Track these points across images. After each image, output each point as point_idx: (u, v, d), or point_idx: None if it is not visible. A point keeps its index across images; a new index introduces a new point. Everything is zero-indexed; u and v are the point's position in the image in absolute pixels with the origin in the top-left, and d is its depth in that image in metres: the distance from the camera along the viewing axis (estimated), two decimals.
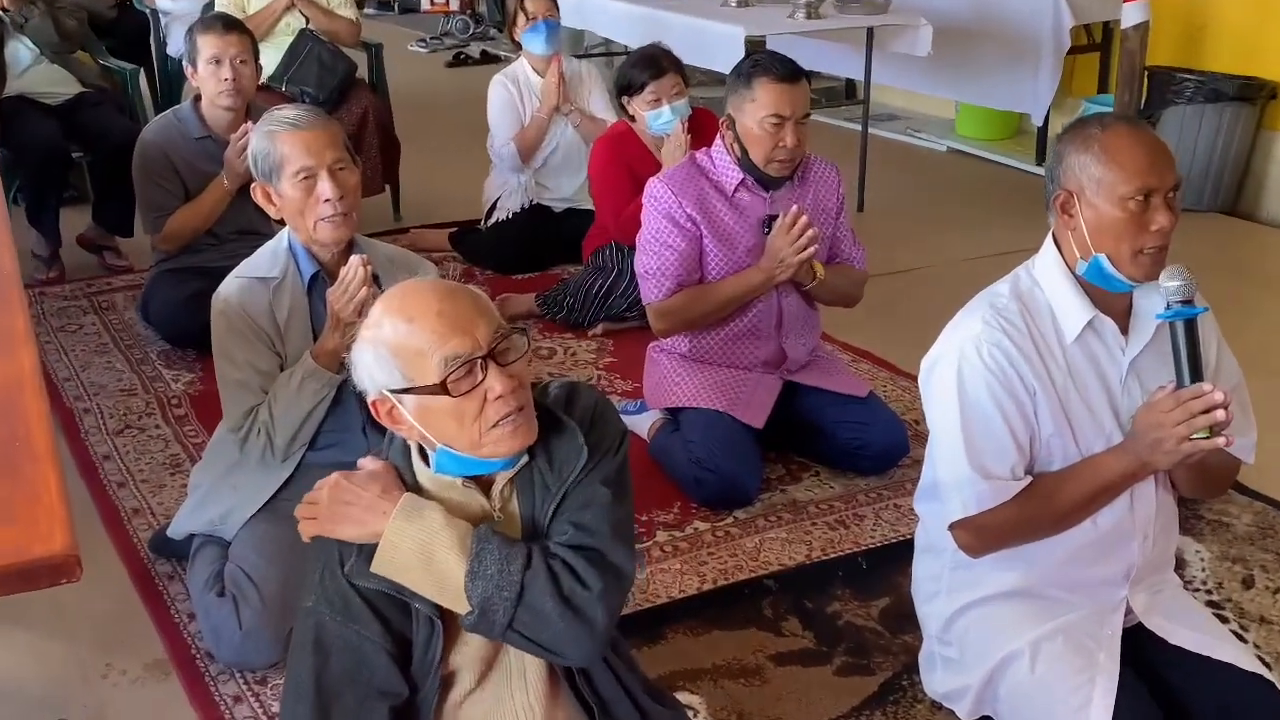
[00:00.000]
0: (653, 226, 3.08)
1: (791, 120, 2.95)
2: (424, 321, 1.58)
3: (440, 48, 9.05)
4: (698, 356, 3.18)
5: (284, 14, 4.94)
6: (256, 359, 2.54)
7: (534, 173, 4.67)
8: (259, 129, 2.61)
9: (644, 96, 3.95)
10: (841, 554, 2.85)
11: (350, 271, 2.48)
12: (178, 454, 3.30)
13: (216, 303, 2.56)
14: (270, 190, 2.58)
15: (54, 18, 4.55)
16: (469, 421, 1.59)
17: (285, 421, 2.52)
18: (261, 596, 2.42)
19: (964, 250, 4.81)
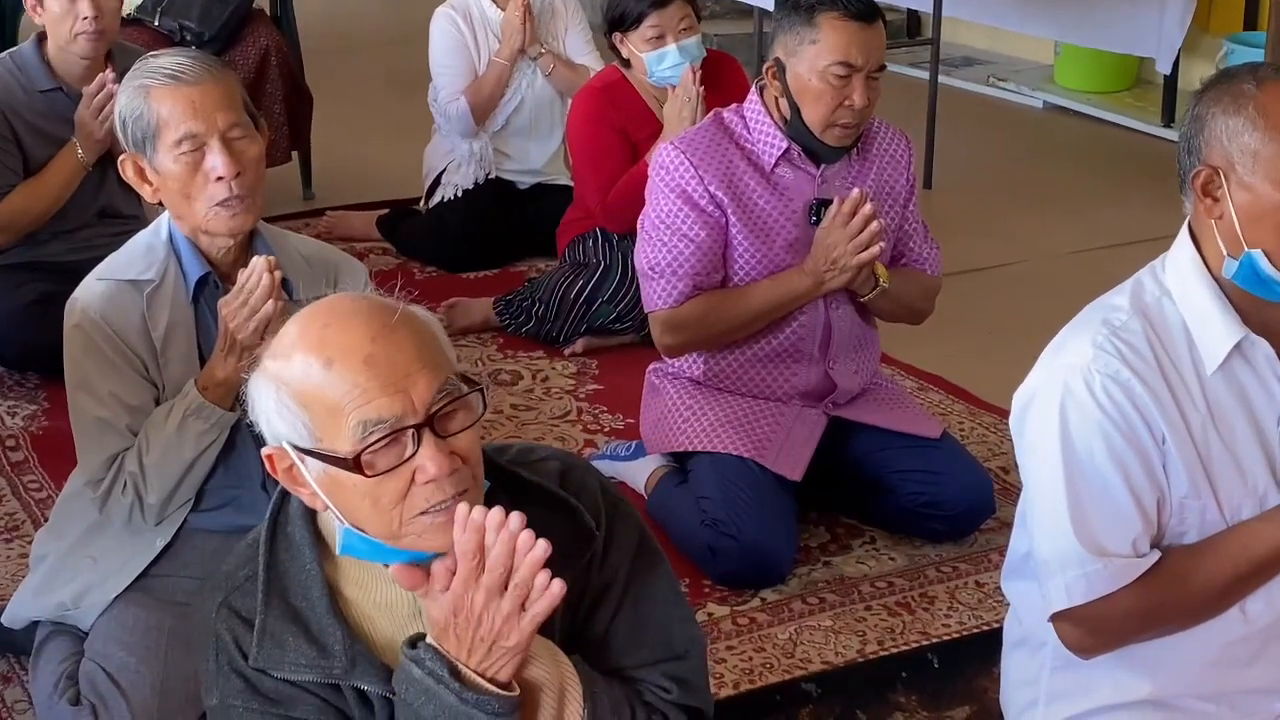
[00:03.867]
0: (662, 208, 3.10)
1: (864, 71, 2.99)
2: (346, 366, 1.57)
3: None
4: (715, 383, 3.20)
5: None
6: (123, 390, 2.56)
7: (491, 136, 4.72)
8: (128, 82, 2.62)
9: (642, 32, 4.01)
10: (905, 648, 2.87)
11: (252, 276, 2.49)
12: (15, 512, 3.35)
13: (71, 314, 2.58)
14: (143, 164, 2.59)
15: None
16: (387, 505, 1.60)
17: (161, 473, 2.53)
18: (130, 706, 2.44)
19: (1067, 240, 4.87)
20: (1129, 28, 5.93)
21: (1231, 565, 2.02)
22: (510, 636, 1.55)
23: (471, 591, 1.55)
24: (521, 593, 1.54)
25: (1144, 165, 5.63)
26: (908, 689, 2.75)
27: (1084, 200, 5.28)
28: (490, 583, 1.54)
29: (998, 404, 3.72)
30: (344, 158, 5.39)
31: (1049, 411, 2.03)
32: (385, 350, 1.57)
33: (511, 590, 1.54)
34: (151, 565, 2.58)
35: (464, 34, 4.67)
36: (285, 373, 1.60)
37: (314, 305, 1.66)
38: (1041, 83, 6.63)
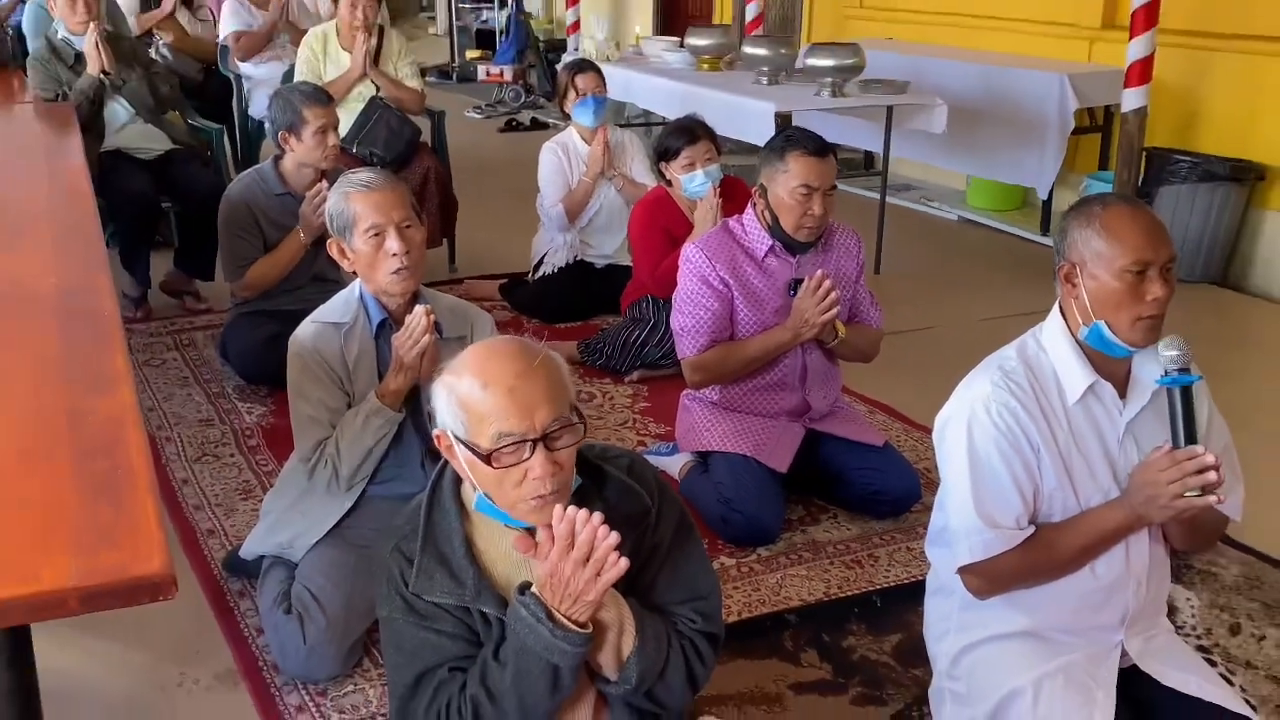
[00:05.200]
0: (688, 287, 3.11)
1: (820, 190, 2.98)
2: (494, 391, 1.58)
3: (494, 114, 9.17)
4: (727, 405, 3.20)
5: (357, 83, 5.02)
6: (327, 397, 2.59)
7: (579, 231, 4.72)
8: (336, 190, 2.66)
9: (679, 161, 3.99)
10: (857, 592, 2.85)
11: (414, 319, 2.53)
12: (249, 481, 3.34)
13: (293, 345, 2.61)
14: (344, 245, 2.63)
15: (150, 82, 4.65)
16: (507, 488, 1.62)
17: (350, 454, 2.56)
18: (325, 615, 2.45)
19: (973, 311, 4.82)
20: (1019, 166, 5.92)
21: (1084, 538, 2.01)
22: (589, 594, 1.57)
23: (564, 562, 1.57)
24: (597, 566, 1.56)
25: (1027, 261, 5.59)
26: (858, 620, 2.74)
27: (985, 284, 5.24)
28: (577, 557, 1.56)
29: (923, 423, 3.72)
30: (477, 243, 5.42)
31: (959, 427, 2.03)
32: (524, 384, 1.59)
33: (591, 564, 1.56)
34: (343, 519, 2.60)
35: (562, 161, 4.70)
36: (456, 384, 1.62)
37: (489, 341, 1.69)
38: (957, 202, 6.60)
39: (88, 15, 4.51)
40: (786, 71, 5.45)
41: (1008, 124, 5.82)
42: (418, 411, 2.62)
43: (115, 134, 4.58)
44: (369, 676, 2.49)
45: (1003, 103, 5.85)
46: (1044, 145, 5.74)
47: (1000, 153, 5.95)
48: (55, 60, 4.53)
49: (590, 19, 7.50)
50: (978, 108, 5.82)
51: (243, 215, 3.85)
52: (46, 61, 4.53)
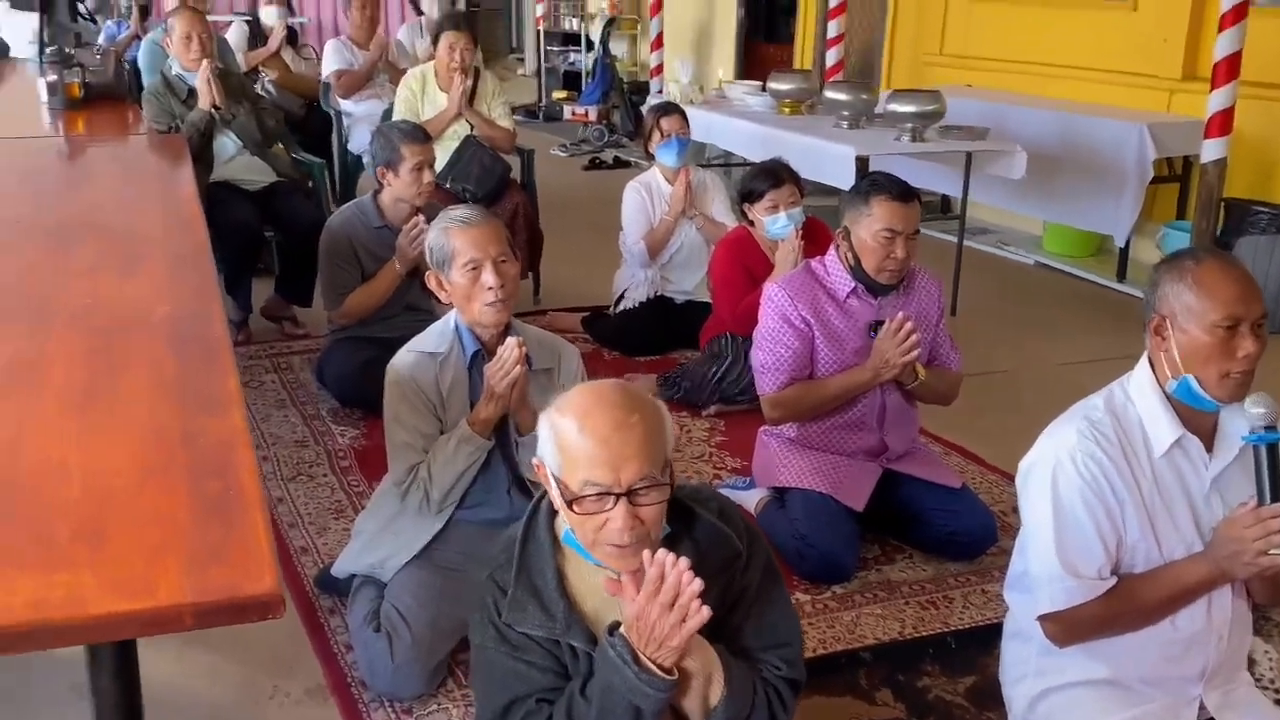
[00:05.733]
0: (769, 326, 3.10)
1: (903, 235, 2.96)
2: (588, 438, 1.57)
3: (579, 152, 9.25)
4: (805, 442, 3.17)
5: (453, 122, 5.10)
6: (421, 423, 2.61)
7: (660, 268, 4.74)
8: (436, 225, 2.70)
9: (763, 204, 3.99)
10: (932, 633, 2.79)
11: (507, 351, 2.54)
12: (341, 501, 3.37)
13: (390, 372, 2.64)
14: (442, 278, 2.66)
15: (257, 116, 4.76)
16: (588, 530, 1.61)
17: (442, 479, 2.58)
18: (413, 635, 2.46)
19: (1050, 355, 4.74)
20: (1096, 213, 5.83)
21: (1166, 591, 1.96)
22: (673, 640, 1.55)
23: (650, 605, 1.55)
24: (682, 613, 1.54)
25: (1103, 307, 5.49)
26: (933, 661, 2.68)
27: (1061, 330, 5.15)
28: (663, 602, 1.54)
29: (1000, 466, 3.65)
30: (561, 277, 5.45)
31: (1044, 475, 2.00)
32: (618, 437, 1.57)
33: (676, 609, 1.54)
34: (431, 542, 2.61)
35: (645, 200, 4.72)
36: (558, 421, 1.62)
37: (596, 386, 1.67)
38: (1033, 247, 6.50)
39: (201, 53, 4.64)
40: (867, 116, 5.44)
41: (1086, 171, 5.74)
42: (506, 440, 2.64)
43: (224, 165, 4.69)
44: (453, 697, 2.49)
45: (1081, 150, 5.77)
46: (1122, 193, 5.64)
47: (1078, 199, 5.86)
48: (169, 95, 4.66)
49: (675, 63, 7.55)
50: (1055, 154, 5.75)
51: (343, 246, 3.91)
52: (161, 96, 4.66)
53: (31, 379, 1.94)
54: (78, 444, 1.69)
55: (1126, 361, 2.07)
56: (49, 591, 1.30)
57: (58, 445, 1.68)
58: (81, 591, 1.31)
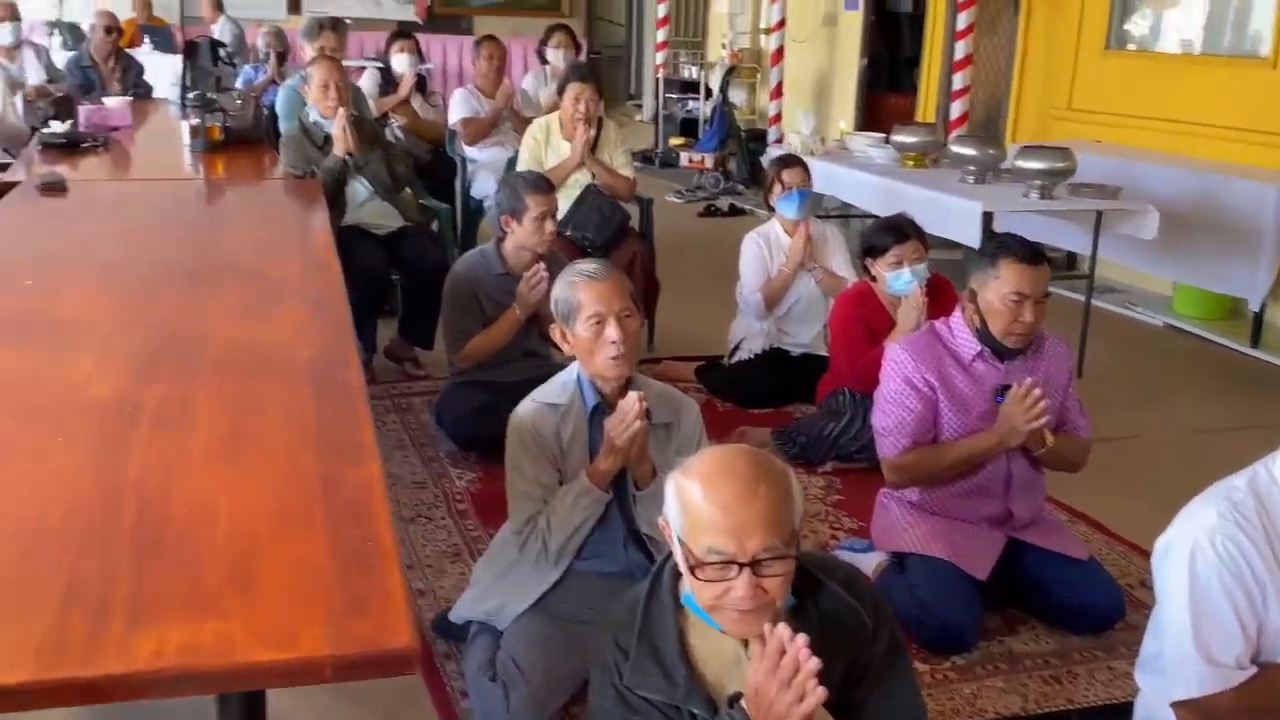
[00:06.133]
0: (892, 388, 3.07)
1: (1031, 299, 2.92)
2: (714, 504, 1.57)
3: (694, 199, 9.31)
4: (927, 507, 3.12)
5: (575, 170, 5.19)
6: (541, 474, 2.64)
7: (776, 319, 4.73)
8: (562, 278, 2.74)
9: (886, 259, 3.96)
10: (1056, 710, 2.71)
11: (628, 405, 2.56)
12: (458, 544, 3.42)
13: (513, 421, 2.68)
14: (565, 331, 2.69)
15: (388, 163, 4.91)
16: (709, 596, 1.61)
17: (560, 530, 2.60)
18: (527, 685, 2.48)
19: (1181, 421, 4.59)
20: (1230, 275, 5.66)
21: None
22: (790, 717, 1.54)
23: (768, 681, 1.54)
24: (799, 691, 1.53)
25: (1237, 373, 5.31)
26: None
27: (1194, 394, 5.00)
28: (781, 679, 1.53)
29: (1129, 538, 3.54)
30: (676, 325, 5.48)
31: (1182, 556, 1.94)
32: (744, 506, 1.57)
33: (793, 688, 1.53)
34: (548, 592, 2.63)
35: (763, 251, 4.73)
36: (685, 484, 1.63)
37: (726, 451, 1.66)
38: (1162, 308, 6.33)
39: (338, 101, 4.81)
40: (993, 171, 5.37)
41: (1219, 232, 5.58)
42: (624, 494, 2.66)
43: (355, 210, 4.84)
44: None
45: (1214, 211, 5.61)
46: (1257, 257, 5.47)
47: (1210, 261, 5.70)
48: (306, 141, 4.84)
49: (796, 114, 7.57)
50: (1187, 214, 5.60)
51: (466, 292, 4.00)
52: (299, 142, 4.84)
53: (180, 420, 2.03)
54: (225, 487, 1.75)
55: (1260, 431, 2.02)
56: (199, 637, 1.35)
57: (206, 488, 1.75)
58: (230, 639, 1.35)
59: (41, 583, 1.47)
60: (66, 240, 3.52)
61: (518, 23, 13.40)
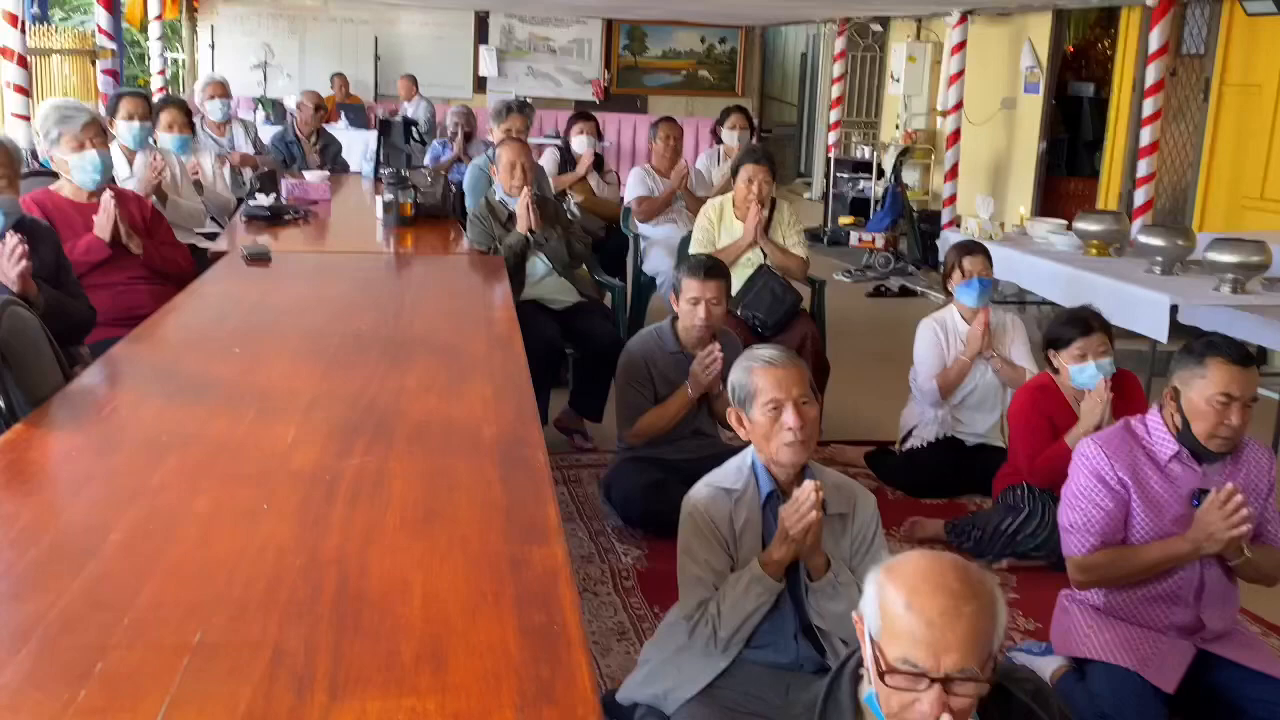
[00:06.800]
0: (1082, 483, 2.96)
1: (1240, 401, 2.78)
2: (915, 617, 1.54)
3: (863, 279, 9.24)
4: (1111, 611, 2.98)
5: (747, 250, 5.22)
6: (713, 559, 2.63)
7: (951, 407, 4.63)
8: (740, 362, 2.75)
9: (1070, 351, 3.85)
10: None
11: (804, 494, 2.53)
12: (624, 622, 3.42)
13: (687, 504, 2.68)
14: (742, 415, 2.69)
15: (567, 241, 5.05)
16: (893, 703, 1.57)
17: (730, 618, 2.57)
18: None
19: None
20: None
21: None
22: None
23: None
24: None
25: None
26: None
27: None
28: None
29: None
30: (846, 408, 5.42)
31: None
32: (945, 623, 1.53)
33: None
34: (716, 679, 2.59)
35: (939, 338, 4.65)
36: (886, 585, 1.60)
37: (933, 560, 1.62)
38: None
39: (523, 181, 4.98)
40: (1181, 262, 5.18)
41: None
42: (796, 584, 2.62)
43: (533, 285, 4.98)
44: None
45: None
46: None
47: None
48: (491, 218, 5.01)
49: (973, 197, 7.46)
50: None
51: (639, 369, 4.06)
52: (484, 218, 5.02)
53: (376, 494, 2.11)
54: (418, 564, 1.81)
55: None
56: (396, 715, 1.39)
57: (401, 563, 1.81)
58: (425, 718, 1.39)
59: (249, 652, 1.53)
60: (270, 309, 3.72)
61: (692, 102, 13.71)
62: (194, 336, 3.34)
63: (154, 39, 10.23)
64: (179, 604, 1.67)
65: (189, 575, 1.78)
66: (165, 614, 1.64)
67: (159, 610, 1.65)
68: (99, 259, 3.99)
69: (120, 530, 1.92)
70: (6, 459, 2.26)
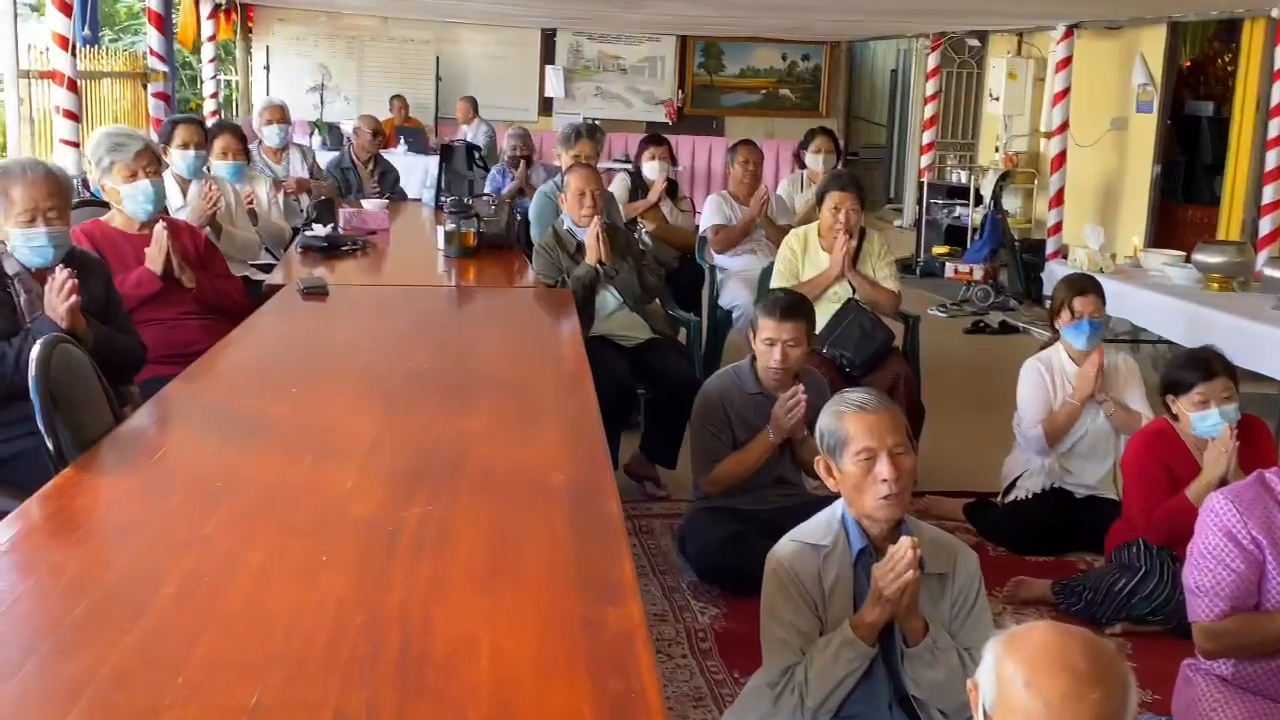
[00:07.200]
0: (1210, 542, 2.88)
1: None
2: (1034, 697, 1.51)
3: (959, 314, 9.15)
4: (1242, 683, 2.89)
5: (834, 283, 5.20)
6: (800, 620, 2.61)
7: (1059, 456, 4.56)
8: (829, 407, 2.73)
9: (1191, 396, 3.78)
10: None
11: (899, 551, 2.51)
12: (700, 688, 3.40)
13: (771, 561, 2.67)
14: (831, 464, 2.68)
15: (639, 273, 5.07)
16: None
17: (819, 685, 2.55)
18: None
19: None
20: None
21: None
22: None
23: None
24: None
25: None
26: None
27: None
28: None
29: None
30: (943, 456, 5.34)
31: None
32: (1063, 708, 1.50)
33: None
34: None
35: (1045, 380, 4.58)
36: (1006, 658, 1.57)
37: (1061, 634, 1.59)
38: None
39: (593, 209, 5.02)
40: None
41: None
42: (890, 649, 2.59)
43: (603, 320, 5.00)
44: None
45: None
46: None
47: None
48: (559, 248, 5.06)
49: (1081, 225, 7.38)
50: None
51: (717, 411, 4.05)
52: (551, 249, 5.07)
53: (440, 545, 2.13)
54: (485, 621, 1.82)
55: None
56: None
57: (467, 621, 1.83)
58: None
59: (307, 715, 1.56)
60: (328, 345, 3.79)
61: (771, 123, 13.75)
62: (248, 375, 3.41)
63: (207, 61, 10.53)
64: (234, 662, 1.70)
65: (244, 632, 1.81)
66: (220, 673, 1.67)
67: (214, 669, 1.68)
68: (150, 293, 4.09)
69: (172, 583, 1.96)
70: (55, 505, 2.32)
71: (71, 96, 5.99)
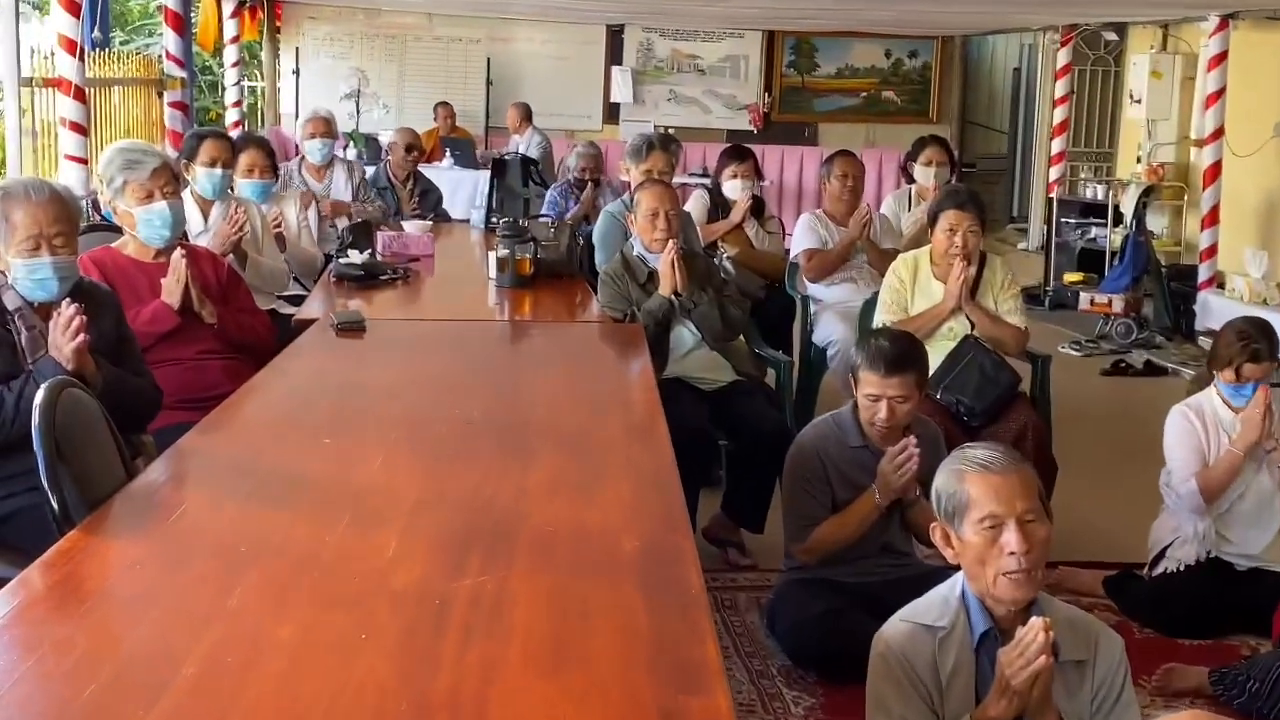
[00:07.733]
0: None
1: None
2: None
3: (1096, 352, 9.05)
4: None
5: (949, 318, 5.16)
6: (911, 714, 2.61)
7: (1216, 519, 4.48)
8: (948, 464, 2.73)
9: None
10: None
11: (1028, 634, 2.49)
12: None
13: (878, 644, 2.67)
14: (950, 532, 2.67)
15: (721, 305, 5.07)
16: None
17: None
18: None
19: None
20: None
21: None
22: None
23: None
24: None
25: None
26: None
27: None
28: None
29: None
30: (1076, 519, 5.26)
31: None
32: None
33: None
34: None
35: (1197, 428, 4.52)
36: None
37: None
38: None
39: (667, 233, 5.04)
40: None
41: None
42: None
43: (679, 360, 5.01)
44: None
45: None
46: None
47: None
48: (627, 277, 5.09)
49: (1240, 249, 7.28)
50: None
51: (813, 467, 4.04)
52: (619, 278, 5.10)
53: (495, 622, 2.14)
54: (549, 712, 1.83)
55: None
56: None
57: (527, 711, 1.84)
58: None
59: None
60: (365, 390, 3.83)
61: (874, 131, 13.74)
62: (276, 424, 3.47)
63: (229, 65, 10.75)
64: None
65: None
66: None
67: None
68: (166, 329, 4.17)
69: (192, 662, 1.98)
70: (61, 573, 2.36)
71: (79, 107, 6.15)
